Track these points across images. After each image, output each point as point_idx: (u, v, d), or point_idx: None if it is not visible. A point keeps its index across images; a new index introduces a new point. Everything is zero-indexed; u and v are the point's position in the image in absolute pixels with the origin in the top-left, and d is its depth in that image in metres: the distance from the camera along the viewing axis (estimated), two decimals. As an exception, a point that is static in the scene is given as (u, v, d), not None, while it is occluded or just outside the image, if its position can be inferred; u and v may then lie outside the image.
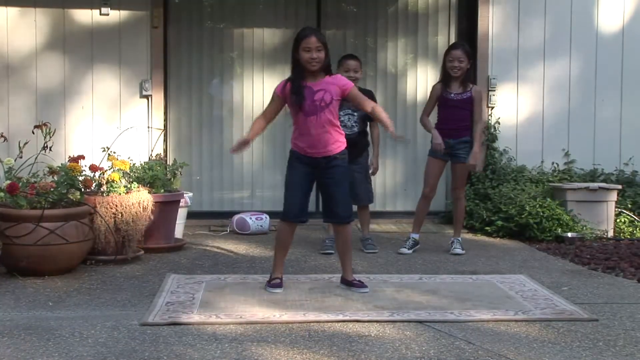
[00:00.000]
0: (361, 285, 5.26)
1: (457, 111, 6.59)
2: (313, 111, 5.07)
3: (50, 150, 6.30)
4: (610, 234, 7.60)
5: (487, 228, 7.55)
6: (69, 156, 6.48)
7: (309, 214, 5.34)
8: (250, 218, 7.69)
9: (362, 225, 6.85)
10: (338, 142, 5.18)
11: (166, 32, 8.27)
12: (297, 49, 5.09)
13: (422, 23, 8.77)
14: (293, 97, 5.09)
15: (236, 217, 7.77)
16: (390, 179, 8.76)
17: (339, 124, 5.22)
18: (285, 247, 5.32)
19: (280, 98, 5.20)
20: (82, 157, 6.24)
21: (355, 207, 6.72)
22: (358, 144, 6.65)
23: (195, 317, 4.55)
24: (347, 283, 5.31)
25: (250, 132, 5.24)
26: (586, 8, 8.49)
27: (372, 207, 7.20)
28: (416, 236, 6.79)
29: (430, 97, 6.76)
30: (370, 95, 6.84)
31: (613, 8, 8.50)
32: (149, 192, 6.39)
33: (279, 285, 5.18)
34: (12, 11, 8.00)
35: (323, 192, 5.30)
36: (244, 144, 5.18)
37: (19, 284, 5.37)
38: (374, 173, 6.90)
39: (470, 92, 6.61)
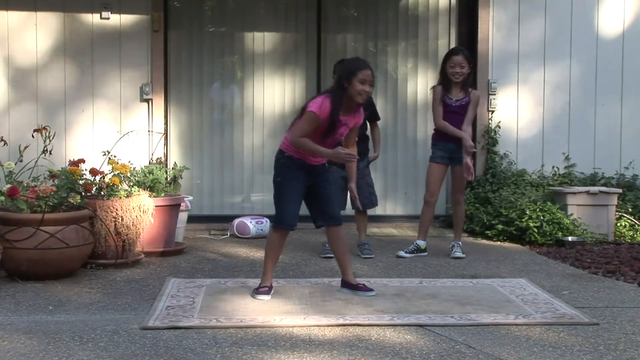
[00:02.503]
0: (367, 289, 5.25)
1: (457, 117, 6.57)
2: (330, 144, 5.10)
3: (50, 153, 6.31)
4: (611, 237, 7.60)
5: (487, 232, 7.55)
6: (70, 160, 6.48)
7: (304, 219, 5.32)
8: (251, 222, 7.69)
9: (359, 230, 6.82)
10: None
11: (167, 36, 8.28)
12: (352, 77, 4.99)
13: (423, 27, 8.78)
14: (327, 124, 5.01)
15: (236, 221, 7.77)
16: (390, 183, 8.76)
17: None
18: (276, 255, 5.28)
19: (320, 119, 5.01)
20: (83, 160, 6.24)
21: (352, 212, 6.76)
22: (358, 150, 6.63)
23: (195, 321, 4.55)
24: (352, 287, 5.28)
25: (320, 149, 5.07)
26: (586, 11, 8.50)
27: (372, 211, 7.20)
28: (422, 243, 6.75)
29: (434, 99, 6.67)
30: (369, 100, 6.84)
31: (613, 11, 8.51)
32: (150, 196, 6.39)
33: (267, 293, 5.14)
34: (13, 15, 8.00)
35: (317, 196, 5.24)
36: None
37: (19, 288, 5.37)
38: (374, 159, 6.98)
39: (469, 96, 6.61)
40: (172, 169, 7.25)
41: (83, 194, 6.01)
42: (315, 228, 5.48)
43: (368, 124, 6.82)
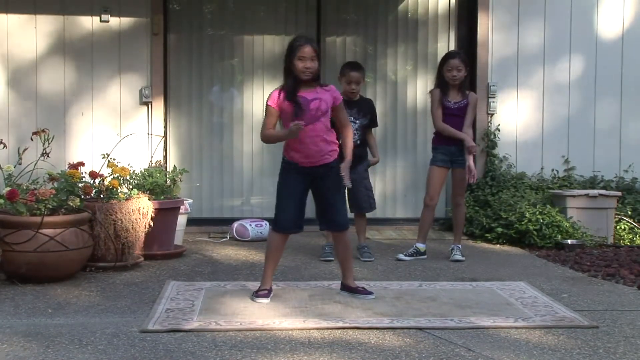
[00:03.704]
0: (366, 292, 5.26)
1: (456, 119, 6.58)
2: (309, 120, 5.04)
3: (48, 156, 6.31)
4: (610, 240, 7.60)
5: (487, 235, 7.55)
6: (69, 163, 6.48)
7: (304, 222, 5.25)
8: (250, 225, 7.69)
9: (359, 233, 6.83)
10: (333, 150, 5.16)
11: (166, 39, 8.28)
12: (292, 58, 5.05)
13: (422, 30, 8.78)
14: (291, 108, 5.03)
15: (236, 223, 7.77)
16: (390, 186, 8.76)
17: (331, 133, 5.16)
18: (276, 258, 5.26)
19: (276, 111, 5.11)
20: (82, 163, 6.24)
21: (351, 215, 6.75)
22: (357, 153, 6.64)
23: (195, 324, 4.55)
24: (351, 290, 5.29)
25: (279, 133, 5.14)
26: (585, 15, 8.50)
27: (372, 214, 7.20)
28: (421, 246, 6.75)
29: (433, 102, 6.69)
30: (370, 104, 6.86)
31: (612, 15, 8.51)
32: (149, 199, 6.39)
33: (266, 296, 5.13)
34: (13, 18, 8.01)
35: (320, 201, 5.24)
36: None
37: (19, 291, 5.37)
38: (375, 163, 6.93)
39: (467, 99, 6.62)
40: (172, 171, 7.25)
41: (82, 196, 6.01)
42: (320, 230, 5.55)
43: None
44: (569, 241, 7.24)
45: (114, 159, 6.63)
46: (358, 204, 6.75)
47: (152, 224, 6.28)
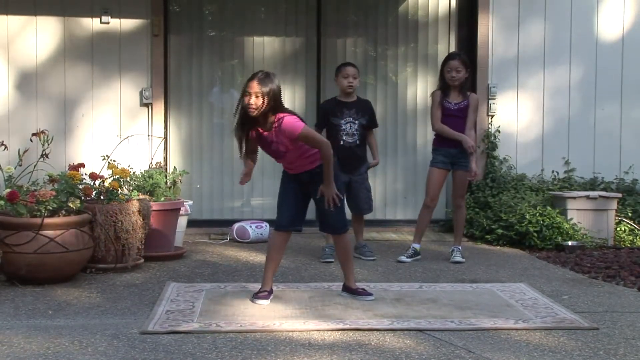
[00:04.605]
0: (366, 293, 5.27)
1: (457, 120, 6.59)
2: (278, 157, 5.13)
3: (47, 157, 6.31)
4: (611, 242, 7.60)
5: (487, 236, 7.55)
6: (69, 164, 6.48)
7: (303, 223, 5.32)
8: (250, 226, 7.69)
9: (357, 233, 6.84)
10: (313, 160, 5.11)
11: (166, 40, 8.28)
12: (241, 94, 5.07)
13: (422, 31, 8.78)
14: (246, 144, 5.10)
15: (236, 225, 7.77)
16: (390, 187, 8.76)
17: (310, 153, 5.08)
18: (276, 259, 5.27)
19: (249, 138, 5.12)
20: (82, 165, 6.24)
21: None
22: (358, 154, 6.66)
23: (195, 326, 4.55)
24: (351, 291, 5.31)
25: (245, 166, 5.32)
26: (586, 16, 8.50)
27: (372, 216, 7.20)
28: (417, 246, 6.77)
29: (433, 103, 6.72)
30: (368, 105, 6.85)
31: (613, 15, 8.51)
32: (149, 200, 6.39)
33: (266, 298, 5.14)
34: (13, 19, 8.01)
35: (317, 205, 5.28)
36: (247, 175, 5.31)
37: (19, 292, 5.37)
38: (374, 165, 6.90)
39: (468, 100, 6.63)
40: (172, 173, 7.25)
41: (83, 198, 6.01)
42: (319, 230, 5.64)
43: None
44: (569, 243, 7.24)
45: (114, 161, 6.64)
46: (359, 206, 6.75)
47: (152, 225, 6.28)
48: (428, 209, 6.77)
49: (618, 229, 7.81)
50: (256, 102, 4.95)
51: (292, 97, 8.62)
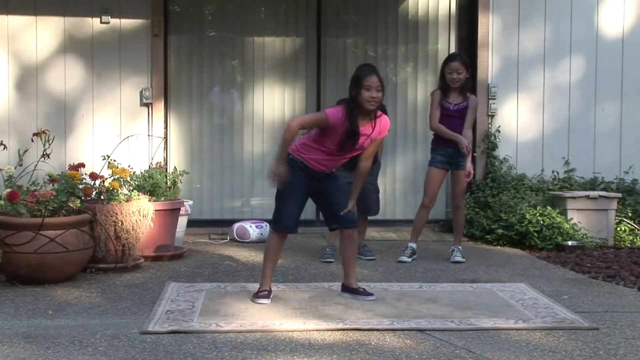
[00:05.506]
0: (367, 293, 5.26)
1: (456, 121, 6.60)
2: (352, 152, 5.14)
3: (48, 157, 6.31)
4: (611, 242, 7.60)
5: (487, 236, 7.54)
6: (69, 164, 6.48)
7: (303, 223, 5.38)
8: (251, 226, 7.69)
9: (359, 233, 6.83)
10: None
11: (167, 40, 8.28)
12: (357, 86, 5.04)
13: (422, 31, 8.78)
14: (341, 136, 5.02)
15: (236, 225, 7.77)
16: (390, 187, 8.76)
17: None
18: (274, 259, 5.27)
19: (330, 124, 5.02)
20: (82, 165, 6.24)
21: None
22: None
23: (195, 326, 4.55)
24: (352, 291, 5.30)
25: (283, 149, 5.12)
26: (586, 16, 8.50)
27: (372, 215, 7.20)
28: (414, 245, 6.78)
29: (432, 103, 6.72)
30: (382, 109, 6.82)
31: (613, 15, 8.51)
32: (149, 200, 6.39)
33: (267, 297, 5.15)
34: (13, 19, 8.01)
35: (327, 202, 5.27)
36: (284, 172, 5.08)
37: (19, 292, 5.37)
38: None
39: (468, 101, 6.63)
40: (172, 173, 7.25)
41: (83, 198, 6.01)
42: (330, 231, 5.69)
43: None
44: (570, 243, 7.24)
45: (115, 161, 6.64)
46: (368, 207, 6.76)
47: (152, 225, 6.28)
48: (426, 209, 6.78)
49: (618, 229, 7.81)
50: (378, 95, 5.03)
51: (292, 96, 8.62)
